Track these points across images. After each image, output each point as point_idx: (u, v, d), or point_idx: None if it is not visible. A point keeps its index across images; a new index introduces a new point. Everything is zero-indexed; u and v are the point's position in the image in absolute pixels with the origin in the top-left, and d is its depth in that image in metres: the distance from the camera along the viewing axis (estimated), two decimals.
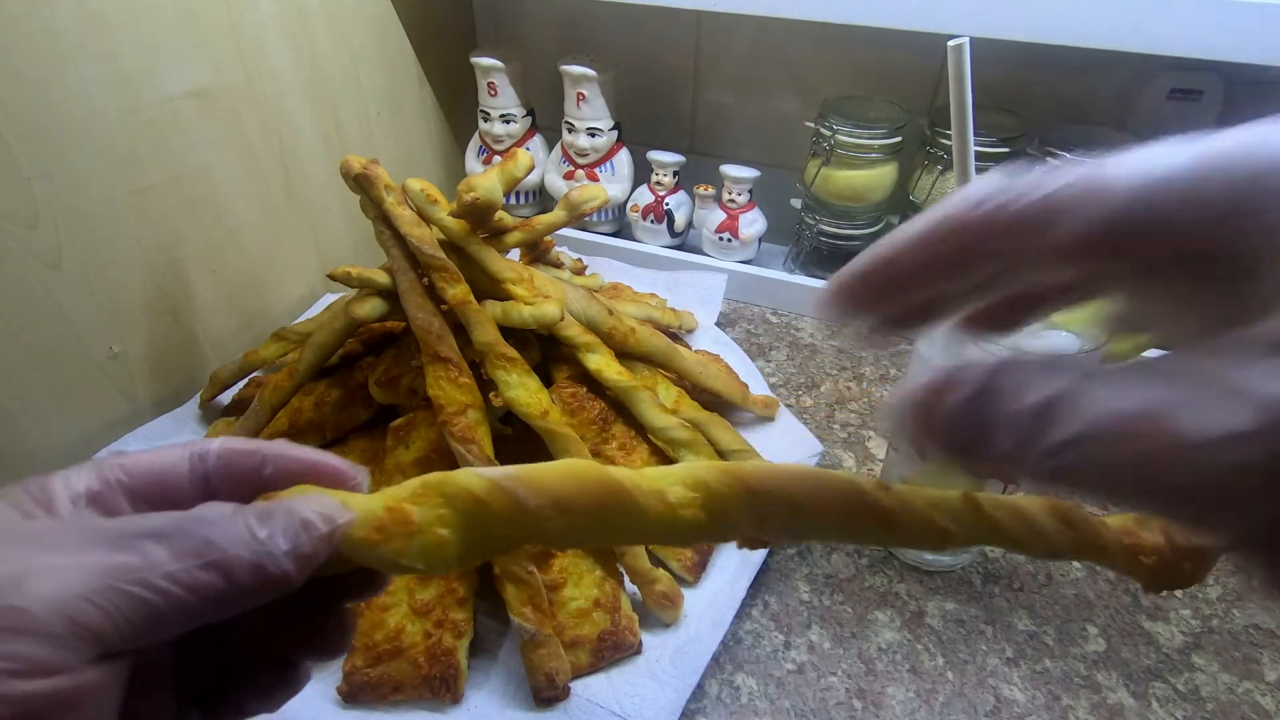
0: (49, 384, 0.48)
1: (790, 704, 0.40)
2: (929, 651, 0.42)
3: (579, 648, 0.39)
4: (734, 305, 0.72)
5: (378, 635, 0.39)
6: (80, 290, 0.48)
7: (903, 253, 0.15)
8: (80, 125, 0.45)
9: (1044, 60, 0.64)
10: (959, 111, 0.39)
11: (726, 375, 0.55)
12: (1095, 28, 0.50)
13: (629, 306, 0.56)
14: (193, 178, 0.54)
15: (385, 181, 0.47)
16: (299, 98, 0.61)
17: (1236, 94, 0.61)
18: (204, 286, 0.57)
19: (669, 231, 0.76)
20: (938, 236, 0.15)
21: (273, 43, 0.57)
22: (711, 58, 0.76)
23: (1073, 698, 0.40)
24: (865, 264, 0.16)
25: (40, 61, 0.43)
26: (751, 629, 0.43)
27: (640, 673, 0.40)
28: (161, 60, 0.49)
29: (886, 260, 0.15)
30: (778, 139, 0.78)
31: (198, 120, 0.53)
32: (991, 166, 0.63)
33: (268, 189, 0.61)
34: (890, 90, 0.69)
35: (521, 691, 0.39)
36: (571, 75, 0.71)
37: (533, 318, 0.46)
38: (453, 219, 0.47)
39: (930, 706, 0.39)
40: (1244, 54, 0.48)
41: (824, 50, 0.72)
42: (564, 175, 0.79)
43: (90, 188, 0.47)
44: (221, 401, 0.57)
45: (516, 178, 0.47)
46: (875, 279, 0.15)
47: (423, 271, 0.47)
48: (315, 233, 0.67)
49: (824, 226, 0.71)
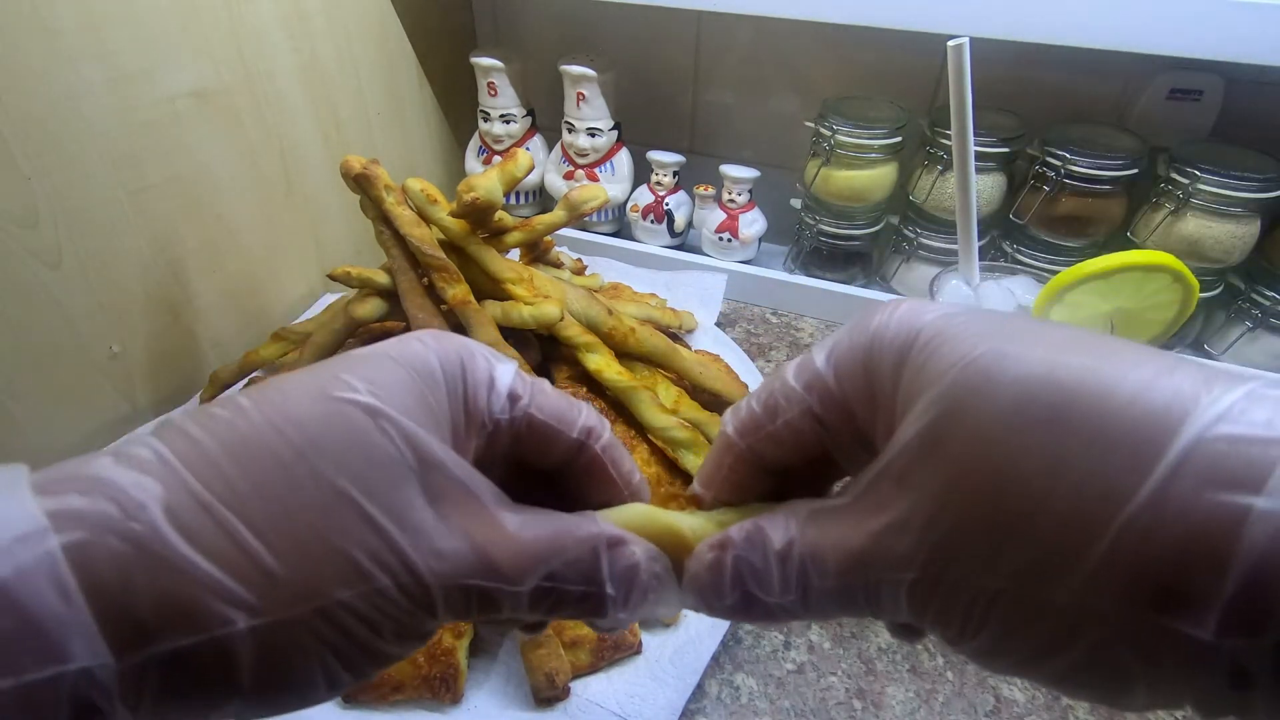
0: (49, 384, 0.48)
1: (790, 704, 0.40)
2: (929, 651, 0.42)
3: (579, 648, 0.39)
4: (734, 305, 0.72)
5: None
6: (80, 290, 0.48)
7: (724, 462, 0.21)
8: (80, 125, 0.45)
9: (1044, 60, 0.64)
10: (959, 111, 0.39)
11: (726, 375, 0.55)
12: (1095, 28, 0.50)
13: (629, 306, 0.56)
14: (193, 178, 0.54)
15: (385, 181, 0.47)
16: (299, 98, 0.61)
17: (1236, 94, 0.61)
18: (204, 286, 0.57)
19: (669, 231, 0.76)
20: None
21: (273, 43, 0.57)
22: (711, 58, 0.76)
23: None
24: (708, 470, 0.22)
25: (40, 61, 0.43)
26: (751, 629, 0.43)
27: (640, 673, 0.40)
28: (161, 60, 0.49)
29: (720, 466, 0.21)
30: (778, 139, 0.78)
31: (198, 120, 0.53)
32: (991, 166, 0.63)
33: (268, 189, 0.61)
34: (890, 90, 0.69)
35: (521, 691, 0.39)
36: (571, 75, 0.71)
37: (533, 318, 0.46)
38: (453, 219, 0.47)
39: (930, 706, 0.39)
40: (1244, 54, 0.48)
41: (824, 50, 0.72)
42: (564, 175, 0.79)
43: (90, 188, 0.47)
44: None
45: (516, 178, 0.47)
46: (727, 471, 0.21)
47: (423, 271, 0.47)
48: (315, 233, 0.67)
49: (824, 226, 0.71)
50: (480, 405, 0.19)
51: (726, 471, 0.21)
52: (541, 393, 0.20)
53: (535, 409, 0.20)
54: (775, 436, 0.19)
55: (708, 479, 0.21)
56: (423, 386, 0.18)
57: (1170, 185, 0.58)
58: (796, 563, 0.17)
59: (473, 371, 0.19)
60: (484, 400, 0.19)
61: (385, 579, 0.16)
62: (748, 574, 0.17)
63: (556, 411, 0.20)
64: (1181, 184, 0.56)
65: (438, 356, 0.18)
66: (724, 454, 0.20)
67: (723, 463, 0.21)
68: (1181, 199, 0.57)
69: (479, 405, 0.19)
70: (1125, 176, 0.59)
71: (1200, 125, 0.62)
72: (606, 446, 0.21)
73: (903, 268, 0.70)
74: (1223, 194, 0.55)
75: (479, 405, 0.19)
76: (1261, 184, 0.55)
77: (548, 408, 0.20)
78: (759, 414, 0.20)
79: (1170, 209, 0.58)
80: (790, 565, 0.17)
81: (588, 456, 0.20)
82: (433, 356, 0.18)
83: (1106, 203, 0.61)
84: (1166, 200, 0.58)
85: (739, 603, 0.18)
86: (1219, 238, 0.57)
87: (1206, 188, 0.55)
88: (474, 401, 0.19)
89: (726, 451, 0.20)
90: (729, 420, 0.20)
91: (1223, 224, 0.57)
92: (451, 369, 0.18)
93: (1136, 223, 0.62)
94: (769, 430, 0.19)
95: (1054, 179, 0.60)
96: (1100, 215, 0.62)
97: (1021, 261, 0.65)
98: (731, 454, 0.20)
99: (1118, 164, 0.59)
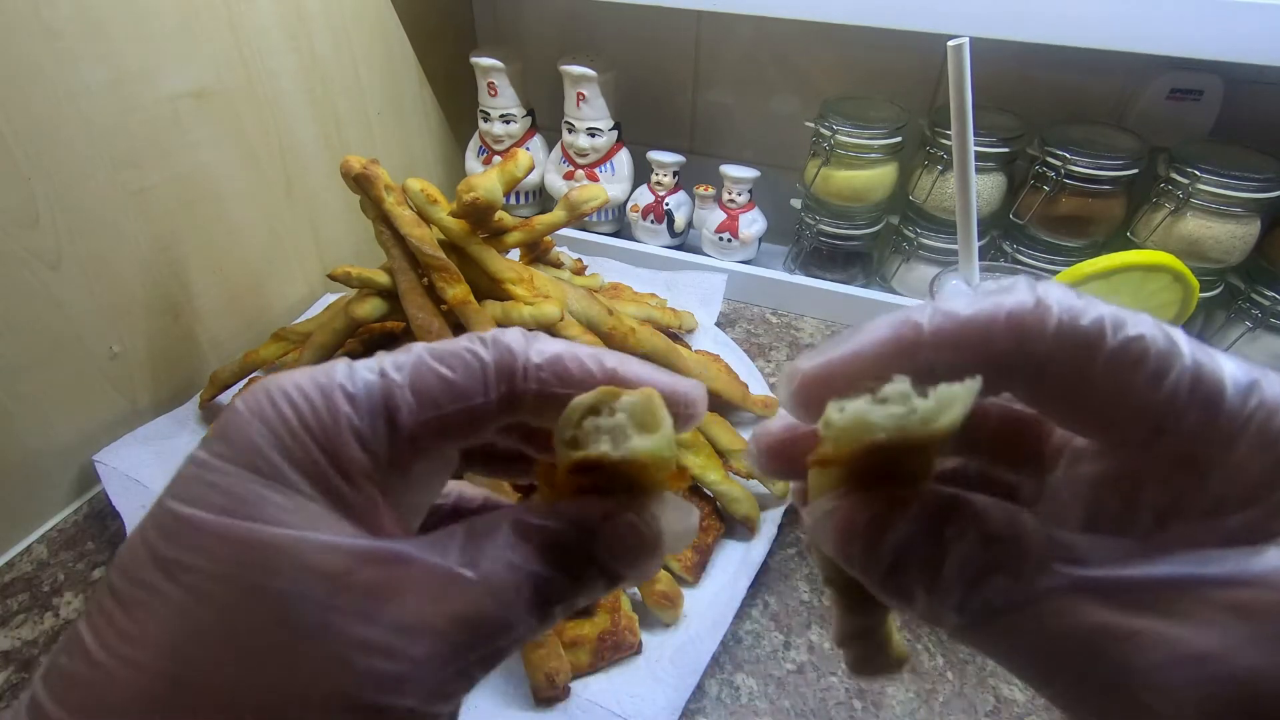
0: (49, 384, 0.48)
1: (790, 704, 0.40)
2: (929, 651, 0.42)
3: (579, 648, 0.39)
4: (734, 305, 0.72)
5: None
6: (80, 290, 0.48)
7: (862, 356, 0.15)
8: (80, 125, 0.45)
9: (1044, 60, 0.64)
10: (959, 111, 0.39)
11: (726, 375, 0.55)
12: (1095, 28, 0.51)
13: (629, 306, 0.56)
14: (193, 178, 0.54)
15: (385, 181, 0.47)
16: (299, 98, 0.61)
17: (1236, 94, 0.61)
18: (204, 286, 0.57)
19: (669, 231, 0.76)
20: (896, 346, 0.15)
21: (273, 43, 0.57)
22: (711, 58, 0.76)
23: None
24: (831, 361, 0.15)
25: (40, 61, 0.43)
26: (751, 629, 0.43)
27: (640, 673, 0.40)
28: (161, 60, 0.49)
29: (850, 359, 0.15)
30: (778, 139, 0.78)
31: (198, 120, 0.53)
32: (991, 166, 0.63)
33: (268, 189, 0.61)
34: (890, 90, 0.69)
35: (521, 691, 0.39)
36: (571, 75, 0.71)
37: (533, 318, 0.46)
38: (453, 219, 0.47)
39: (930, 706, 0.39)
40: (1244, 54, 0.48)
41: (824, 50, 0.72)
42: (564, 175, 0.79)
43: (90, 188, 0.47)
44: (221, 402, 0.56)
45: (516, 178, 0.47)
46: (839, 378, 0.15)
47: (423, 271, 0.47)
48: (315, 233, 0.67)
49: (824, 226, 0.71)
50: (349, 451, 0.15)
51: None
52: (417, 374, 0.15)
53: (420, 417, 0.15)
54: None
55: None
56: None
57: (1170, 185, 0.58)
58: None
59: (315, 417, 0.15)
60: (349, 443, 0.15)
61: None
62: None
63: (448, 389, 0.15)
64: (1181, 184, 0.56)
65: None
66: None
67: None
68: (1181, 199, 0.57)
69: (343, 448, 0.15)
70: (1125, 176, 0.59)
71: (1200, 125, 0.62)
72: (537, 372, 0.16)
73: (903, 268, 0.70)
74: (1223, 194, 0.55)
75: (343, 448, 0.15)
76: (1261, 184, 0.55)
77: (430, 391, 0.15)
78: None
79: (1170, 209, 0.58)
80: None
81: (522, 403, 0.16)
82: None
83: (1106, 203, 0.61)
84: (1166, 200, 0.58)
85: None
86: (1219, 238, 0.57)
87: (1206, 188, 0.55)
88: (339, 448, 0.15)
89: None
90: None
91: (1223, 224, 0.57)
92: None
93: (1136, 223, 0.62)
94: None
95: (1054, 179, 0.60)
96: (1100, 215, 0.62)
97: (1021, 261, 0.65)
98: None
99: (1118, 164, 0.59)
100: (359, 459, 0.15)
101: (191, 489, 0.14)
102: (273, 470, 0.14)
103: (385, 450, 0.15)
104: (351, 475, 0.15)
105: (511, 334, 0.16)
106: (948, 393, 0.13)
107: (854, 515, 0.15)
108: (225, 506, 0.14)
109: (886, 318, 0.15)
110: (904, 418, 0.13)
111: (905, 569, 0.14)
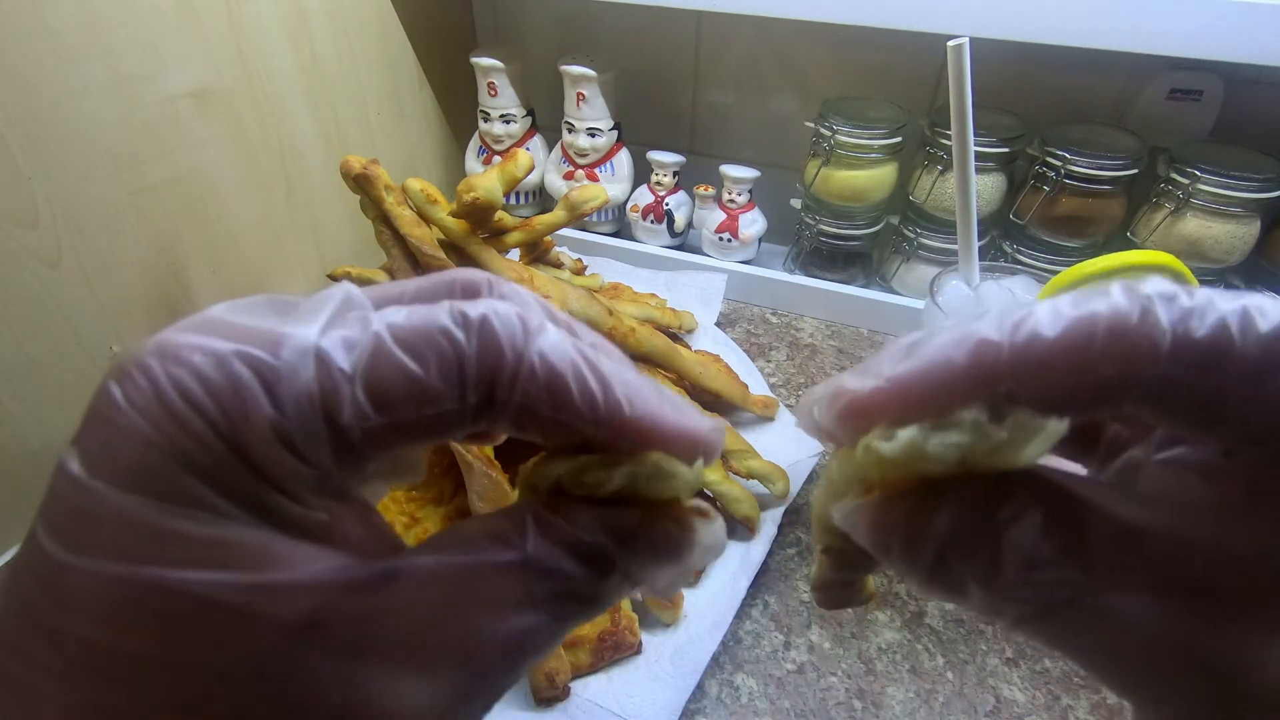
0: (49, 384, 0.48)
1: (790, 704, 0.40)
2: (929, 651, 0.42)
3: (579, 648, 0.39)
4: (734, 305, 0.72)
5: None
6: (80, 290, 0.48)
7: (929, 383, 0.12)
8: (80, 125, 0.45)
9: (1044, 60, 0.64)
10: (959, 111, 0.39)
11: (726, 375, 0.55)
12: (1095, 28, 0.50)
13: (629, 306, 0.56)
14: (193, 178, 0.54)
15: (385, 181, 0.47)
16: (299, 98, 0.61)
17: (1236, 94, 0.61)
18: (204, 286, 0.57)
19: (669, 231, 0.76)
20: (976, 367, 0.12)
21: (273, 43, 0.57)
22: (711, 58, 0.76)
23: (1073, 698, 0.40)
24: (890, 385, 0.13)
25: (40, 61, 0.43)
26: (751, 629, 0.43)
27: (640, 673, 0.39)
28: (161, 60, 0.49)
29: (914, 384, 0.12)
30: (778, 139, 0.78)
31: (198, 120, 0.53)
32: (991, 166, 0.63)
33: (268, 189, 0.61)
34: (890, 90, 0.69)
35: (521, 691, 0.39)
36: (571, 75, 0.71)
37: None
38: (453, 219, 0.47)
39: (930, 706, 0.39)
40: (1244, 54, 0.48)
41: (824, 50, 0.72)
42: (564, 175, 0.79)
43: (90, 188, 0.47)
44: None
45: (516, 178, 0.47)
46: (897, 405, 0.13)
47: (423, 271, 0.47)
48: (315, 233, 0.67)
49: (824, 226, 0.71)
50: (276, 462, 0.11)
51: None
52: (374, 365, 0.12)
53: (369, 424, 0.12)
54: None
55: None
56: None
57: (1170, 185, 0.58)
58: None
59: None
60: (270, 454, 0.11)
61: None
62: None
63: (411, 389, 0.12)
64: (1181, 184, 0.56)
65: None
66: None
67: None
68: (1181, 199, 0.57)
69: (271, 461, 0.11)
70: (1125, 176, 0.59)
71: (1200, 125, 0.62)
72: (528, 383, 0.12)
73: (903, 268, 0.70)
74: (1222, 194, 0.55)
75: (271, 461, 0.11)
76: (1261, 184, 0.55)
77: (389, 391, 0.12)
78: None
79: (1170, 209, 0.58)
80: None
81: (501, 413, 0.12)
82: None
83: (1106, 203, 0.61)
84: (1166, 200, 0.58)
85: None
86: (1219, 238, 0.57)
87: (1206, 188, 0.55)
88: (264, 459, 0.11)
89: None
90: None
91: (1223, 224, 0.57)
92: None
93: (1136, 223, 0.62)
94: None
95: (1054, 179, 0.60)
96: (1100, 215, 0.62)
97: (1021, 261, 0.65)
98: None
99: (1118, 164, 0.59)
100: (298, 470, 0.11)
101: (70, 523, 0.10)
102: (179, 491, 0.10)
103: (329, 457, 0.12)
104: (291, 488, 0.11)
105: (505, 317, 0.12)
106: (1030, 426, 0.11)
107: (891, 502, 0.13)
108: (120, 548, 0.10)
109: (950, 335, 0.12)
110: (968, 449, 0.11)
111: (954, 562, 0.12)
